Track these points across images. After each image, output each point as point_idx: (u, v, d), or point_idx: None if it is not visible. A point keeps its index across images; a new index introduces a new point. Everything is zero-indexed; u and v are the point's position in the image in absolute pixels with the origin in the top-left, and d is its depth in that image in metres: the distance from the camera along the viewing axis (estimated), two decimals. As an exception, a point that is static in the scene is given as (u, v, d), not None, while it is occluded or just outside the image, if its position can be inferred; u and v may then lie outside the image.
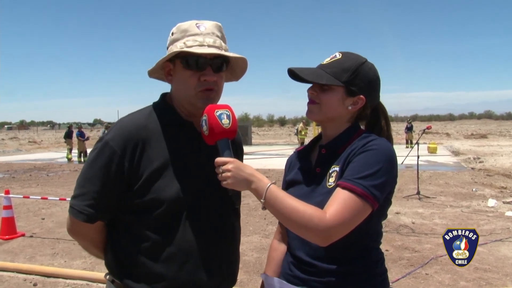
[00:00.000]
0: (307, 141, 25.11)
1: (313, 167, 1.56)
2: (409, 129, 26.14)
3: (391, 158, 1.40)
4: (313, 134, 25.52)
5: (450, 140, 35.33)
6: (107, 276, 1.56)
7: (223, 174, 1.36)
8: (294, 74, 1.53)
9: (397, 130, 37.54)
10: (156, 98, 1.61)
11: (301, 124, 26.22)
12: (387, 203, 1.48)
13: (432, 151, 21.32)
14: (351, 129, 1.53)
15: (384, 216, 1.51)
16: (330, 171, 1.47)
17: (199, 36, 1.45)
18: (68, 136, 21.62)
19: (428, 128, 10.50)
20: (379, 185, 1.34)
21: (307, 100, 1.56)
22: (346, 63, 1.50)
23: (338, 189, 1.35)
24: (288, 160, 1.74)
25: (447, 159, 18.51)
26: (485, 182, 11.60)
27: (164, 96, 1.59)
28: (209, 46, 1.44)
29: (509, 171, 13.78)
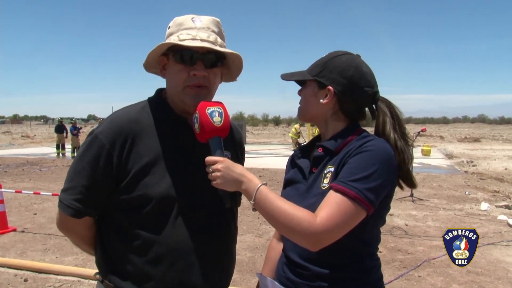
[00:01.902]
0: (300, 141, 25.18)
1: (310, 166, 1.52)
2: None
3: (388, 160, 1.35)
4: (307, 134, 25.52)
5: (444, 143, 35.46)
6: (97, 275, 1.52)
7: (213, 174, 1.33)
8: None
9: (391, 132, 37.62)
10: (151, 94, 1.59)
11: (296, 125, 26.34)
12: (385, 208, 1.44)
13: (426, 153, 21.37)
14: (348, 128, 1.49)
15: (382, 221, 1.47)
16: (325, 171, 1.43)
17: (193, 30, 1.42)
18: (58, 130, 21.37)
19: (422, 130, 10.50)
20: (374, 188, 1.30)
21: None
22: (321, 59, 1.51)
23: (331, 192, 1.31)
24: (289, 159, 1.71)
25: (440, 162, 18.58)
26: (478, 185, 11.65)
27: (159, 91, 1.56)
28: (202, 40, 1.40)
29: (502, 175, 13.85)
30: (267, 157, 20.09)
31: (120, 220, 1.42)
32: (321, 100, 1.48)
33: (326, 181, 1.40)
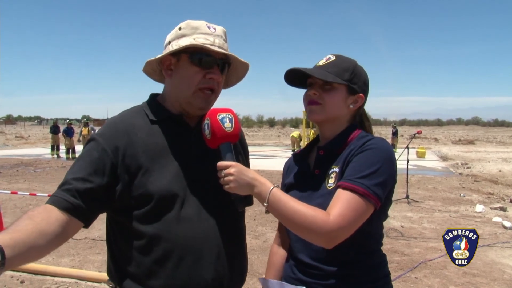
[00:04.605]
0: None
1: (312, 169, 1.56)
2: (395, 134, 26.07)
3: (390, 156, 1.41)
4: (302, 135, 25.57)
5: (438, 145, 35.63)
6: (110, 283, 1.52)
7: (225, 178, 1.36)
8: (292, 76, 1.55)
9: (386, 134, 37.73)
10: (146, 94, 1.63)
11: (299, 132, 26.81)
12: (388, 202, 1.48)
13: (421, 155, 21.47)
14: (349, 129, 1.54)
15: (385, 216, 1.51)
16: (329, 172, 1.47)
17: (210, 36, 1.45)
18: (52, 131, 21.30)
19: (418, 133, 10.56)
20: (380, 184, 1.35)
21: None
22: (343, 63, 1.53)
23: (340, 190, 1.35)
24: (285, 164, 1.75)
25: (435, 164, 18.68)
26: (472, 187, 11.72)
27: (154, 96, 1.59)
28: (218, 47, 1.45)
29: (496, 177, 13.95)
30: (263, 159, 20.13)
31: (125, 222, 1.42)
32: (350, 106, 1.53)
33: (331, 181, 1.45)
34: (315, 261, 1.46)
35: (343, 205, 1.31)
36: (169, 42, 1.49)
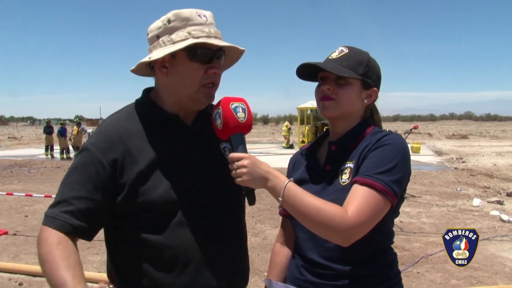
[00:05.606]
0: (291, 139, 25.35)
1: (323, 164, 1.50)
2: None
3: (406, 153, 1.38)
4: (297, 132, 25.60)
5: (432, 140, 35.80)
6: (111, 286, 1.45)
7: (238, 171, 1.28)
8: (303, 70, 1.49)
9: (380, 129, 37.96)
10: (139, 94, 1.54)
11: (286, 122, 26.92)
12: (401, 200, 1.43)
13: (416, 150, 21.52)
14: (362, 124, 1.49)
15: (396, 213, 1.47)
16: (342, 168, 1.42)
17: (205, 26, 1.34)
18: (46, 131, 21.10)
19: (415, 127, 10.56)
20: (397, 180, 1.31)
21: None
22: (357, 56, 1.47)
23: (357, 186, 1.30)
24: (291, 159, 1.68)
25: (430, 159, 18.73)
26: (468, 181, 11.77)
27: (147, 92, 1.48)
28: (215, 37, 1.35)
29: (491, 171, 14.03)
30: (258, 156, 20.02)
31: (126, 228, 1.37)
32: (365, 101, 1.49)
33: (345, 177, 1.39)
34: (327, 260, 1.40)
35: (360, 201, 1.25)
36: (157, 37, 1.37)
